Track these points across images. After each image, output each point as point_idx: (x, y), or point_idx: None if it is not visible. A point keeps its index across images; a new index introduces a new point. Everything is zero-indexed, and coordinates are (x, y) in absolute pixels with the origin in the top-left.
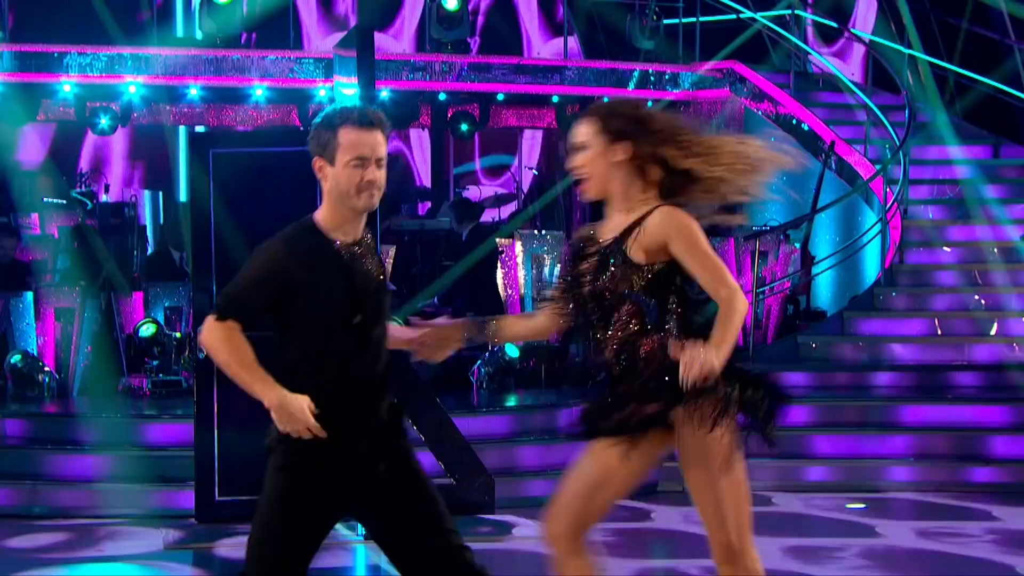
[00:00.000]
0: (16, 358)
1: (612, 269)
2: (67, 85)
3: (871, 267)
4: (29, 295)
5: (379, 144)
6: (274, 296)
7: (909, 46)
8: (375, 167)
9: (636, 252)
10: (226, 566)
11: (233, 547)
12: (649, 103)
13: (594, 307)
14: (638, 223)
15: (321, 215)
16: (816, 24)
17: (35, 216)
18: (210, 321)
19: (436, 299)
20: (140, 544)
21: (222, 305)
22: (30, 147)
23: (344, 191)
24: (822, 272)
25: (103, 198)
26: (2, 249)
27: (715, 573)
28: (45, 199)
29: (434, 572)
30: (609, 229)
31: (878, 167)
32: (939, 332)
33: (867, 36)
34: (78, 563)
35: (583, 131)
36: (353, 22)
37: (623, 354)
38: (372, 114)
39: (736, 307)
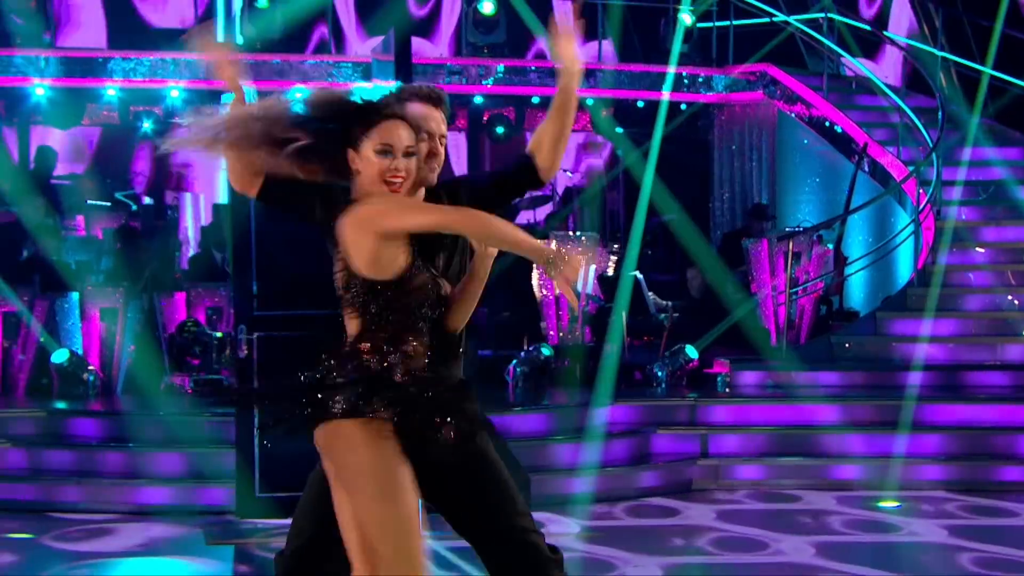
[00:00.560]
0: (62, 357)
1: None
2: (111, 90)
3: (904, 268)
4: (75, 295)
5: (442, 120)
6: None
7: (942, 49)
8: (437, 141)
9: None
10: (266, 562)
11: (272, 542)
12: (683, 106)
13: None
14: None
15: None
16: (851, 29)
17: (80, 218)
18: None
19: None
20: (183, 539)
21: None
22: (75, 151)
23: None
24: (855, 273)
25: (146, 200)
26: (47, 247)
27: (750, 568)
28: (90, 201)
29: (504, 554)
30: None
31: (911, 169)
32: (972, 332)
33: (901, 39)
34: (123, 557)
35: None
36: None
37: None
38: (438, 91)
39: None
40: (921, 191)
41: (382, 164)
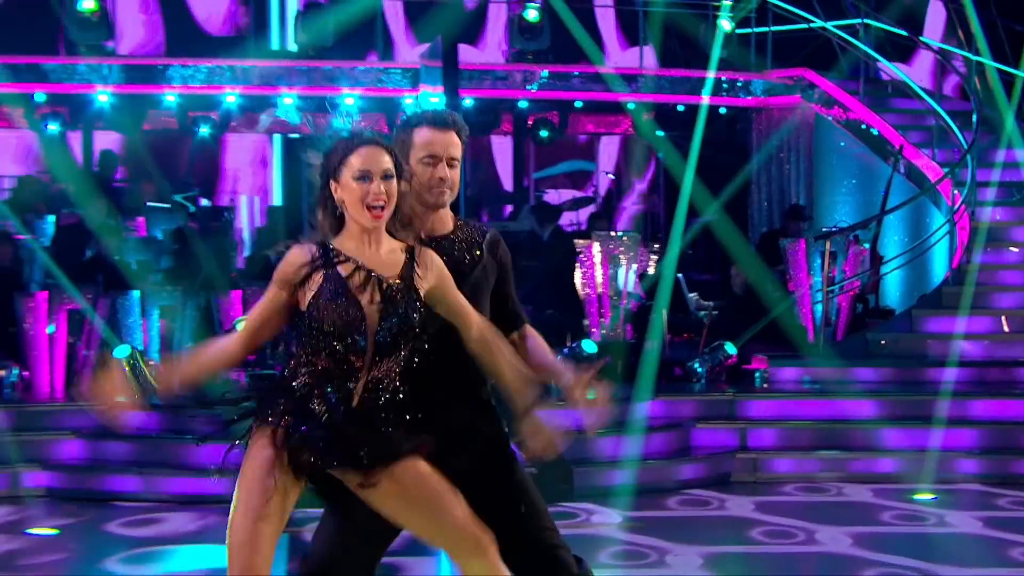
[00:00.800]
0: (124, 353)
1: (413, 311)
2: (170, 95)
3: (939, 267)
4: (135, 293)
5: (452, 144)
6: None
7: (977, 53)
8: (446, 165)
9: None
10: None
11: None
12: (722, 110)
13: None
14: (412, 259)
15: None
16: (887, 34)
17: (141, 220)
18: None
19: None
20: None
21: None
22: (137, 154)
23: (415, 188)
24: (891, 272)
25: (203, 203)
26: (109, 247)
27: (788, 558)
28: (149, 203)
29: (530, 567)
30: (385, 257)
31: (946, 170)
32: (1005, 329)
33: (936, 44)
34: (180, 544)
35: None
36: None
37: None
38: (448, 115)
39: None
40: (956, 192)
41: (361, 189)
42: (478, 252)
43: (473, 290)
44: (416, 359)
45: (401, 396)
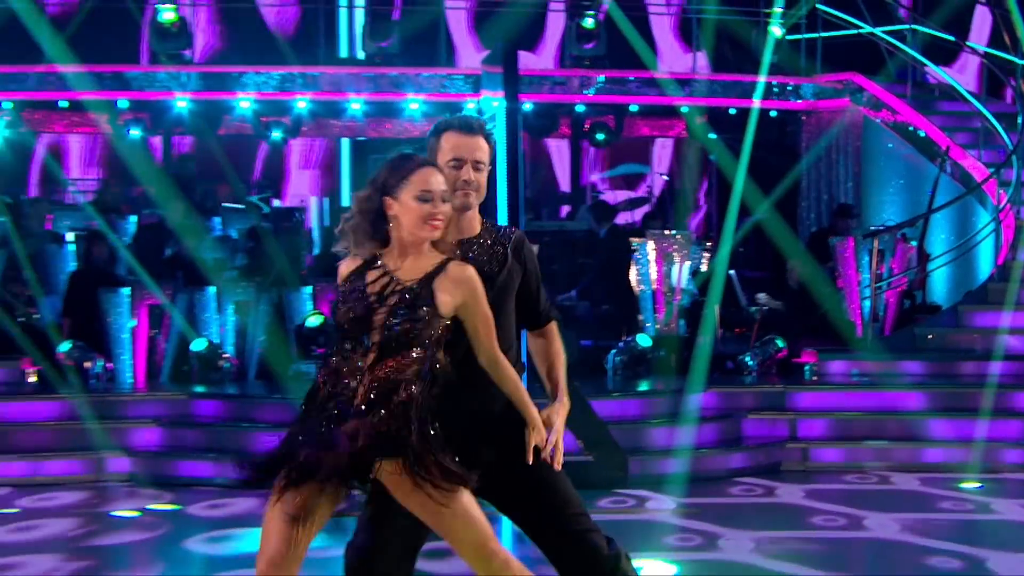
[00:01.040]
0: (200, 345)
1: (422, 311)
2: (244, 102)
3: (984, 264)
4: (211, 289)
5: (478, 148)
6: None
7: (1022, 57)
8: (471, 168)
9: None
10: None
11: None
12: (773, 113)
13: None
14: (441, 269)
15: None
16: (933, 38)
17: (217, 219)
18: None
19: (574, 293)
20: None
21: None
22: (213, 158)
23: None
24: (937, 268)
25: (275, 203)
26: (188, 246)
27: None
28: (224, 204)
29: (563, 551)
30: (410, 267)
31: (991, 170)
32: None
33: (981, 48)
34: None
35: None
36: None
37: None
38: (475, 121)
39: None
40: (1001, 192)
41: (423, 209)
42: (504, 257)
43: (498, 294)
44: (447, 361)
45: (415, 398)
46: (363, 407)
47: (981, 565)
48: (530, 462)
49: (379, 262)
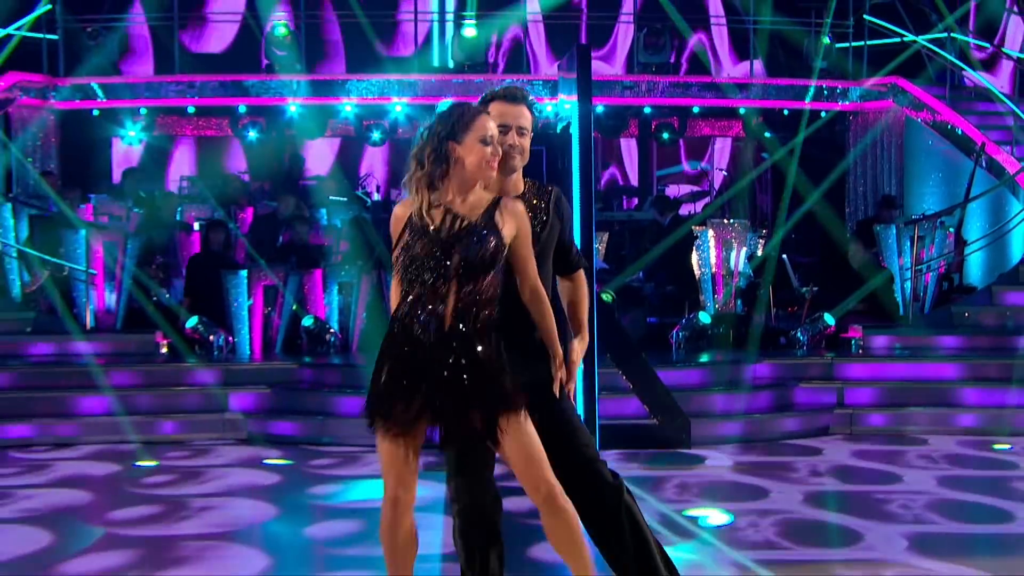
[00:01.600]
0: (309, 321)
1: (490, 241)
2: (348, 106)
3: (1016, 248)
4: (319, 272)
5: (521, 115)
6: None
7: None
8: (515, 134)
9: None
10: None
11: None
12: (823, 113)
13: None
14: (497, 205)
15: None
16: (969, 43)
17: (324, 210)
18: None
19: (641, 275)
20: None
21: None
22: (321, 156)
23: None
24: (973, 253)
25: (375, 197)
26: (299, 234)
27: (880, 496)
28: (331, 197)
29: (572, 477)
30: (470, 206)
31: (1023, 164)
32: None
33: (1015, 53)
34: (355, 480)
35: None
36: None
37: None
38: (519, 91)
39: None
40: None
41: (485, 151)
42: (546, 214)
43: (543, 247)
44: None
45: (487, 317)
46: (450, 329)
47: (1010, 515)
48: (557, 393)
49: (439, 204)
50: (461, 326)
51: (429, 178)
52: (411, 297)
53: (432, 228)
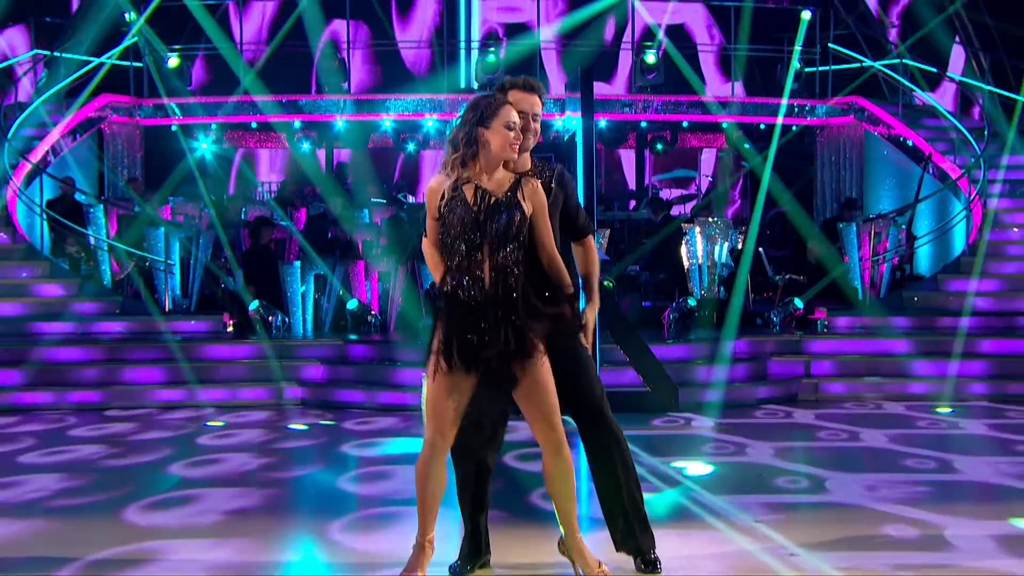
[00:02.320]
0: (353, 305)
1: (515, 214)
2: (387, 121)
3: (958, 243)
4: (362, 263)
5: (536, 103)
6: None
7: (988, 83)
8: (530, 119)
9: (527, 203)
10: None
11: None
12: (794, 127)
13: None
14: (519, 182)
15: None
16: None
17: (366, 211)
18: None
19: (638, 266)
20: None
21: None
22: (363, 165)
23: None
24: (921, 246)
25: (410, 199)
26: (344, 230)
27: (839, 450)
28: (372, 199)
29: (578, 411)
30: (497, 183)
31: (963, 171)
32: (1008, 289)
33: (957, 76)
34: (390, 439)
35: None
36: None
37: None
38: (533, 81)
39: None
40: (971, 187)
41: (508, 136)
42: (551, 187)
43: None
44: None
45: (517, 277)
46: (491, 290)
47: (949, 464)
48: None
49: (469, 181)
50: (499, 289)
51: (462, 158)
52: (452, 265)
53: (464, 202)
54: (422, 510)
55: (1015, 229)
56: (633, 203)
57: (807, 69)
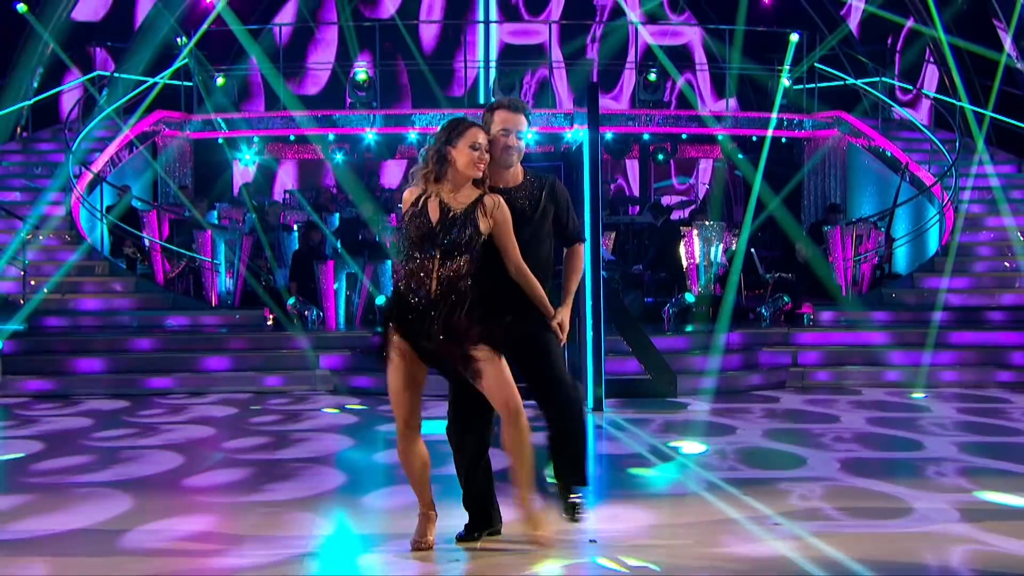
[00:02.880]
0: (382, 300)
1: (467, 230)
2: (413, 134)
3: (932, 244)
4: (389, 263)
5: (520, 121)
6: None
7: (959, 99)
8: (515, 136)
9: (486, 219)
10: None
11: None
12: (783, 139)
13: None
14: (479, 201)
15: None
16: (896, 86)
17: (393, 215)
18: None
19: (641, 265)
20: None
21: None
22: (391, 173)
23: (493, 153)
24: (899, 247)
25: None
26: (373, 233)
27: (822, 432)
28: (400, 206)
29: (541, 391)
30: (461, 199)
31: (937, 178)
32: (978, 286)
33: (931, 93)
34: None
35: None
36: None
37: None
38: (519, 101)
39: None
40: (944, 193)
41: (472, 155)
42: (540, 199)
43: (536, 225)
44: (496, 272)
45: (467, 289)
46: (435, 297)
47: (920, 444)
48: (563, 338)
49: (435, 195)
50: (443, 297)
51: (432, 173)
52: (406, 270)
53: (427, 216)
54: (415, 485)
55: (984, 231)
56: (636, 208)
57: (795, 86)
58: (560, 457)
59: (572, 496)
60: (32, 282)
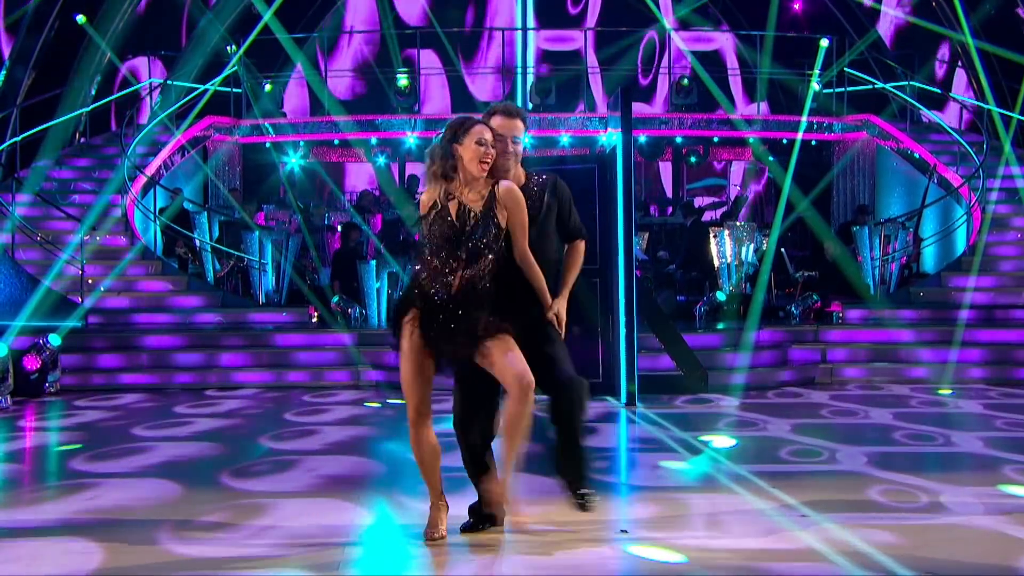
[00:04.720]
0: None
1: (491, 230)
2: None
3: (960, 243)
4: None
5: (516, 127)
6: None
7: (987, 102)
8: (511, 141)
9: (503, 211)
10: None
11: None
12: (813, 142)
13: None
14: (493, 191)
15: None
16: (924, 89)
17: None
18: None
19: (673, 266)
20: None
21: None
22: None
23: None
24: (927, 247)
25: None
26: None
27: (849, 426)
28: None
29: (542, 379)
30: (476, 197)
31: (965, 180)
32: (1004, 285)
33: (959, 97)
34: (449, 413)
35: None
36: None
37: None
38: (515, 107)
39: None
40: (972, 195)
41: (478, 151)
42: (544, 198)
43: (541, 228)
44: (502, 266)
45: (487, 288)
46: (457, 295)
47: (947, 439)
48: (561, 329)
49: (453, 196)
50: (463, 296)
51: (440, 171)
52: (431, 267)
53: (450, 218)
54: (426, 475)
55: (1010, 231)
56: (670, 209)
57: (825, 90)
58: (565, 456)
59: (581, 489)
60: (90, 281)
